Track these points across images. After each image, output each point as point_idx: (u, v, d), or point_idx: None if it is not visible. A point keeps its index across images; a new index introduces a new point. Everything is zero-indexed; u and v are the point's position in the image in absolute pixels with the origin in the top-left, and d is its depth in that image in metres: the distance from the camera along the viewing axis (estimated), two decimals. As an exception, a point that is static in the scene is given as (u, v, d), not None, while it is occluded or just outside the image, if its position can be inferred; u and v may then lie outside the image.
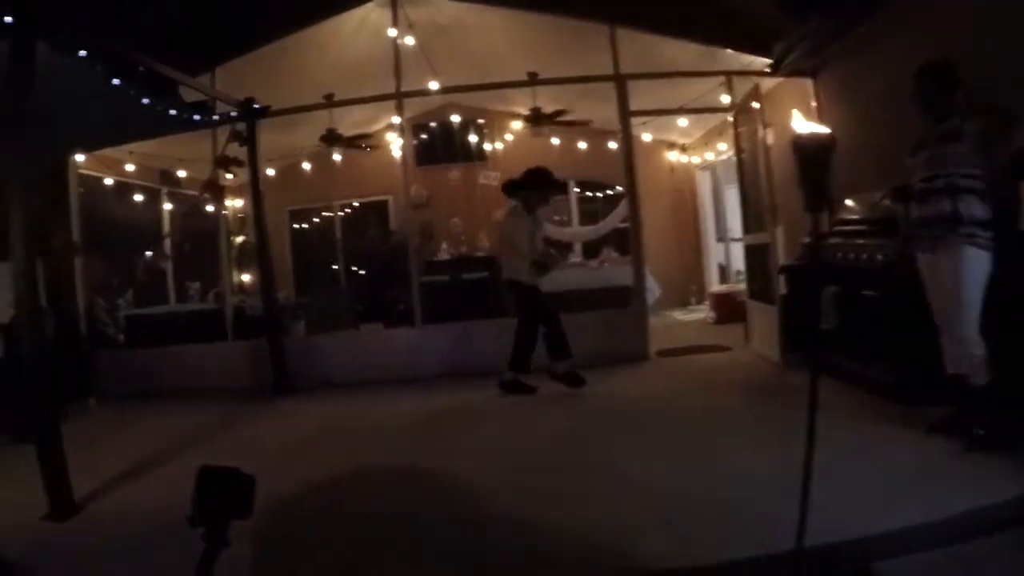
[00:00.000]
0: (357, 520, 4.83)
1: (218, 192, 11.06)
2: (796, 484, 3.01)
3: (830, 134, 2.99)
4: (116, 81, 7.23)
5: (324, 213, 16.51)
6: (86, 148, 10.85)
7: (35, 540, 4.86)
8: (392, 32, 9.92)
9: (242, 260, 13.76)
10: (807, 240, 7.99)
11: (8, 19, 5.36)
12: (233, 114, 9.61)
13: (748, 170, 9.55)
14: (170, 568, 3.12)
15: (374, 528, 4.62)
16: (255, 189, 9.86)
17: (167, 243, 13.84)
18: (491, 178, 14.75)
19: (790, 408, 6.25)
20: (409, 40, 10.06)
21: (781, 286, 8.26)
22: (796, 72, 9.13)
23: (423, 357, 9.48)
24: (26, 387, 5.50)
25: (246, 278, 14.07)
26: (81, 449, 5.59)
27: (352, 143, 13.48)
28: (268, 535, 4.62)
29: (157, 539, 4.27)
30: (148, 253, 13.53)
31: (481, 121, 14.74)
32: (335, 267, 16.11)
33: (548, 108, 12.71)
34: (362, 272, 15.44)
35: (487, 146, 14.88)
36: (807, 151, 3.02)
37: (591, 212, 15.86)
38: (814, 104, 9.06)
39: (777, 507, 3.80)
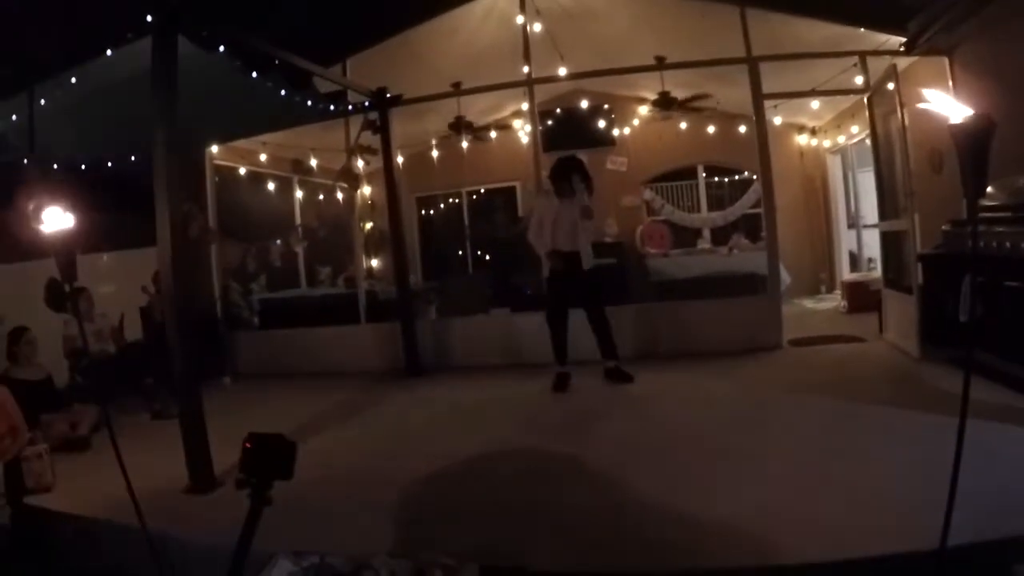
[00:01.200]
0: (489, 500, 4.90)
1: (353, 179, 11.29)
2: (936, 482, 2.95)
3: (989, 117, 2.88)
4: (255, 74, 7.44)
5: (451, 199, 16.68)
6: (223, 139, 11.25)
7: (178, 512, 5.09)
8: (520, 19, 9.97)
9: (370, 246, 14.03)
10: (946, 227, 7.75)
11: (150, 17, 5.59)
12: (366, 104, 9.81)
13: (884, 154, 9.25)
14: (305, 542, 3.22)
15: (505, 510, 4.68)
16: (389, 176, 10.05)
17: (299, 229, 14.19)
18: (619, 163, 14.68)
19: (929, 403, 6.13)
20: (537, 27, 10.07)
21: (919, 275, 8.00)
22: (931, 51, 8.78)
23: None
24: (171, 367, 5.73)
25: (375, 263, 14.34)
26: (218, 426, 5.77)
27: (480, 130, 13.57)
28: (400, 511, 4.74)
29: (292, 515, 4.40)
30: (277, 241, 13.89)
31: (607, 106, 14.59)
32: (462, 253, 16.27)
33: (675, 92, 12.56)
34: (489, 257, 15.56)
35: (614, 131, 14.73)
36: (967, 136, 2.92)
37: (718, 198, 15.63)
38: (950, 84, 8.74)
39: (917, 505, 3.73)
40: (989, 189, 7.19)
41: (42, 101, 7.17)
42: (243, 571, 2.17)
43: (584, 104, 13.78)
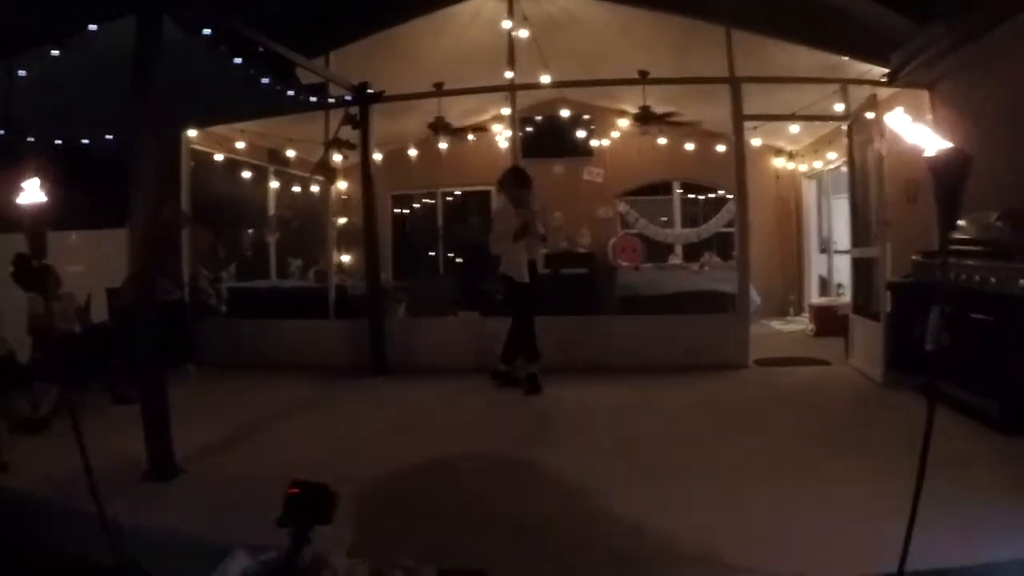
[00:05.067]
0: (448, 504, 4.89)
1: (330, 173, 11.23)
2: (895, 507, 2.96)
3: (965, 153, 2.93)
4: (238, 60, 7.40)
5: (426, 200, 16.67)
6: (201, 124, 11.17)
7: (136, 500, 5.02)
8: (507, 24, 9.97)
9: (342, 241, 13.98)
10: (916, 257, 7.82)
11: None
12: (347, 98, 9.78)
13: (859, 181, 9.33)
14: (260, 539, 3.19)
15: (465, 514, 4.67)
16: (365, 173, 10.05)
17: (273, 220, 14.12)
18: (595, 175, 14.73)
19: (890, 428, 6.19)
20: (523, 33, 10.07)
21: (888, 302, 8.07)
22: (913, 83, 8.87)
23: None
24: (136, 351, 5.67)
25: (345, 259, 14.28)
26: (180, 414, 5.73)
27: (459, 132, 13.55)
28: (358, 511, 4.71)
29: (247, 511, 4.37)
30: (250, 230, 13.82)
31: (587, 117, 14.63)
32: (434, 253, 16.25)
33: (656, 107, 12.59)
34: (460, 260, 15.52)
35: (593, 142, 14.77)
36: (943, 169, 2.96)
37: (693, 215, 15.70)
38: (929, 117, 8.82)
39: (876, 530, 3.75)
40: (961, 223, 7.27)
41: (21, 73, 7.08)
42: None
43: (565, 113, 13.79)
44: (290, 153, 13.76)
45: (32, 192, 4.21)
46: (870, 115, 8.56)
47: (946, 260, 3.39)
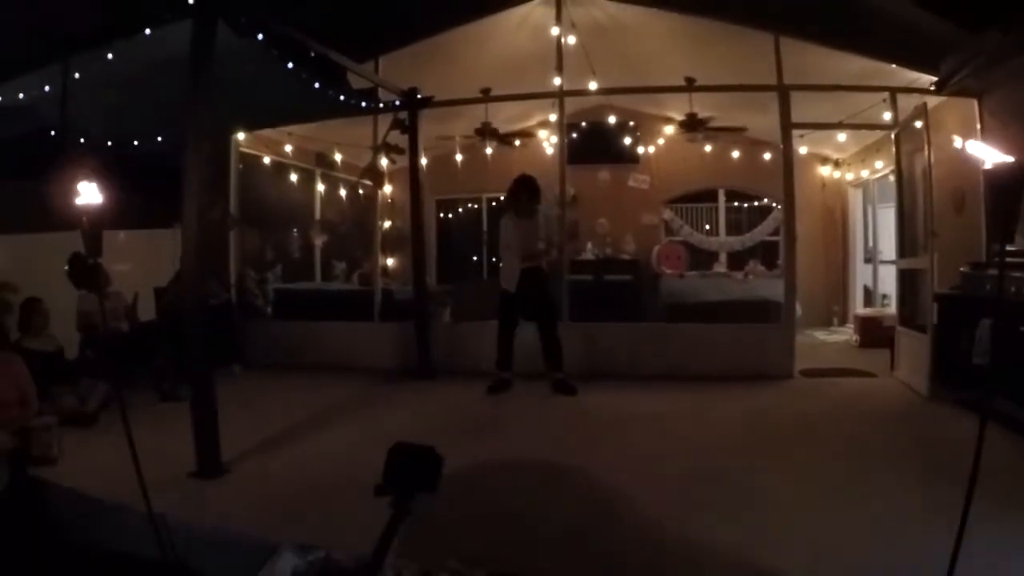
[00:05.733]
0: (494, 508, 4.90)
1: (378, 177, 11.31)
2: (942, 523, 2.94)
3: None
4: (290, 65, 7.47)
5: (471, 204, 16.73)
6: (250, 127, 11.30)
7: (184, 497, 5.10)
8: (555, 30, 9.98)
9: (387, 245, 14.05)
10: (964, 269, 7.72)
11: (191, 0, 5.62)
12: (396, 103, 9.83)
13: (907, 191, 9.23)
14: (311, 533, 3.22)
15: (511, 520, 4.67)
16: (413, 177, 10.09)
17: (319, 223, 14.22)
18: (641, 181, 14.70)
19: (937, 443, 6.12)
20: (571, 39, 10.08)
21: (934, 314, 7.97)
22: (962, 92, 8.75)
23: (564, 355, 9.48)
24: (185, 350, 5.74)
25: (390, 262, 14.35)
26: (227, 414, 5.83)
27: (505, 138, 13.57)
28: (412, 520, 4.73)
29: (295, 510, 4.42)
30: (296, 232, 13.94)
31: (633, 123, 14.61)
32: (477, 258, 16.31)
33: (702, 114, 12.54)
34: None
35: (639, 149, 14.76)
36: (1001, 181, 2.91)
37: (737, 222, 15.62)
38: (979, 126, 8.72)
39: (922, 546, 3.72)
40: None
41: (76, 75, 7.19)
42: None
43: (611, 120, 13.78)
44: (337, 157, 13.85)
45: (89, 193, 4.28)
46: (919, 124, 8.47)
47: (1002, 273, 3.33)
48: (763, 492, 5.15)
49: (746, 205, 15.52)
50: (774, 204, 14.13)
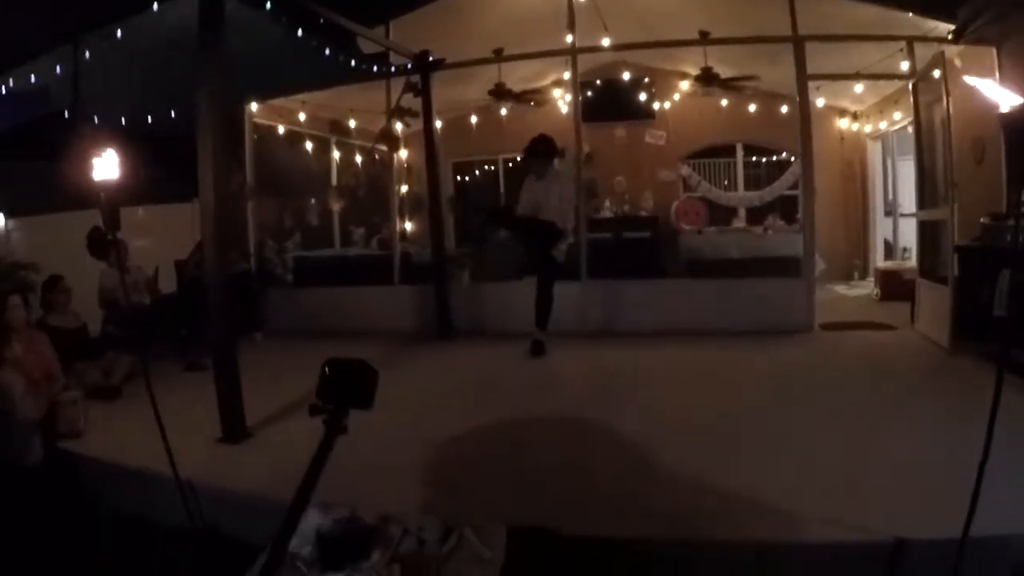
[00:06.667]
0: (516, 465, 4.96)
1: (392, 142, 11.32)
2: (961, 473, 2.95)
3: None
4: (300, 32, 7.47)
5: (488, 166, 16.72)
6: (263, 97, 11.32)
7: (212, 462, 5.21)
8: (567, -13, 9.90)
9: (404, 209, 14.06)
10: (985, 220, 7.67)
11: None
12: (408, 66, 9.83)
13: (926, 142, 9.13)
14: (332, 497, 3.27)
15: (534, 476, 4.73)
16: (428, 140, 10.11)
17: (336, 190, 14.25)
18: (657, 137, 14.62)
19: (958, 395, 6.12)
20: (583, -5, 10.02)
21: (955, 266, 7.93)
22: (980, 40, 8.62)
23: (584, 313, 9.47)
24: (208, 320, 5.81)
25: (408, 226, 14.37)
26: (250, 380, 5.95)
27: (520, 98, 13.52)
28: (425, 471, 4.80)
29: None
30: (313, 200, 13.98)
31: (648, 79, 14.47)
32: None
33: (717, 68, 12.44)
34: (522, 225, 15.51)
35: (654, 105, 14.64)
36: (1017, 126, 2.89)
37: (755, 177, 15.51)
38: (997, 75, 8.62)
39: (942, 495, 3.75)
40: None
41: (87, 54, 7.22)
42: (308, 500, 2.07)
43: (625, 76, 13.68)
44: (352, 123, 13.84)
45: (106, 169, 4.33)
46: (937, 73, 8.38)
47: (1018, 220, 3.30)
48: (785, 442, 5.20)
49: (764, 160, 15.37)
50: (792, 158, 14.01)
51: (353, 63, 8.72)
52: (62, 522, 5.12)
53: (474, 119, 14.83)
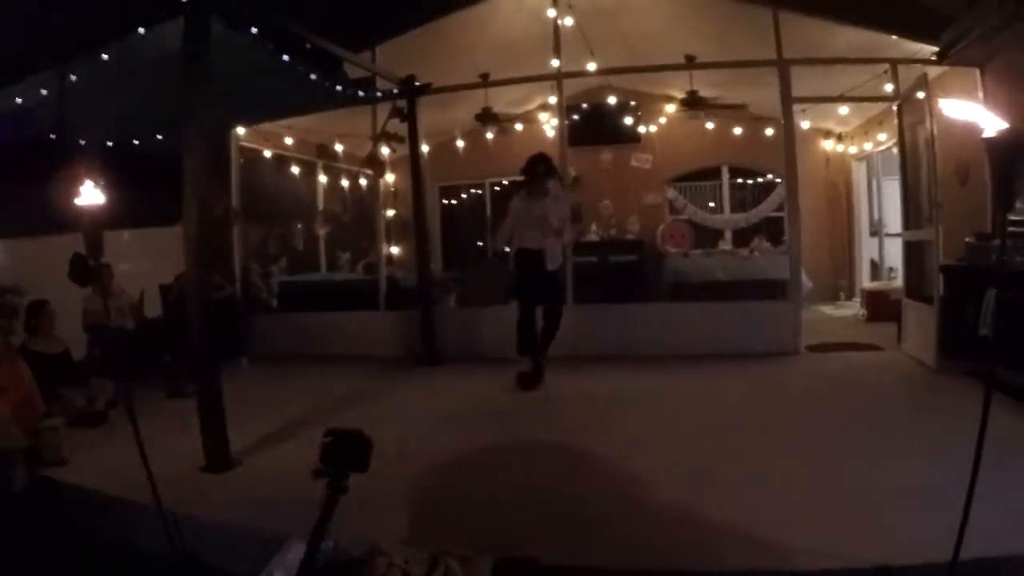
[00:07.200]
0: (501, 494, 4.92)
1: (378, 166, 11.32)
2: (950, 494, 2.94)
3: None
4: (286, 57, 7.47)
5: (475, 190, 16.75)
6: (249, 122, 11.32)
7: (195, 491, 5.14)
8: (551, 12, 9.95)
9: (391, 233, 14.05)
10: (970, 240, 7.70)
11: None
12: (394, 91, 9.84)
13: (910, 163, 9.17)
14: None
15: (518, 505, 4.69)
16: (414, 164, 10.12)
17: (323, 214, 14.24)
18: (643, 160, 14.66)
19: (945, 415, 6.11)
20: (568, 20, 10.06)
21: (940, 286, 7.95)
22: (963, 61, 8.69)
23: (570, 336, 9.39)
24: (190, 345, 5.76)
25: (395, 250, 14.37)
26: (234, 407, 5.86)
27: (506, 122, 13.55)
28: (411, 501, 4.75)
29: (306, 496, 4.42)
30: (299, 224, 13.96)
31: (634, 103, 14.51)
32: (482, 243, 16.28)
33: (703, 91, 12.50)
34: (508, 249, 15.51)
35: (640, 128, 14.70)
36: (1001, 149, 2.90)
37: (742, 199, 15.56)
38: (981, 95, 8.67)
39: (931, 517, 3.73)
40: (1017, 204, 7.14)
41: (72, 77, 7.20)
42: (317, 553, 2.41)
43: (611, 100, 13.70)
44: (338, 147, 13.85)
45: (89, 194, 4.31)
46: (920, 95, 8.43)
47: (1004, 242, 3.30)
48: (770, 466, 5.18)
49: (750, 182, 15.46)
50: (778, 180, 14.07)
51: (339, 88, 8.71)
52: (45, 550, 5.06)
53: (460, 143, 14.87)
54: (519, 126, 14.03)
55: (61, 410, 6.69)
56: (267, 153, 12.59)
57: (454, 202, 16.95)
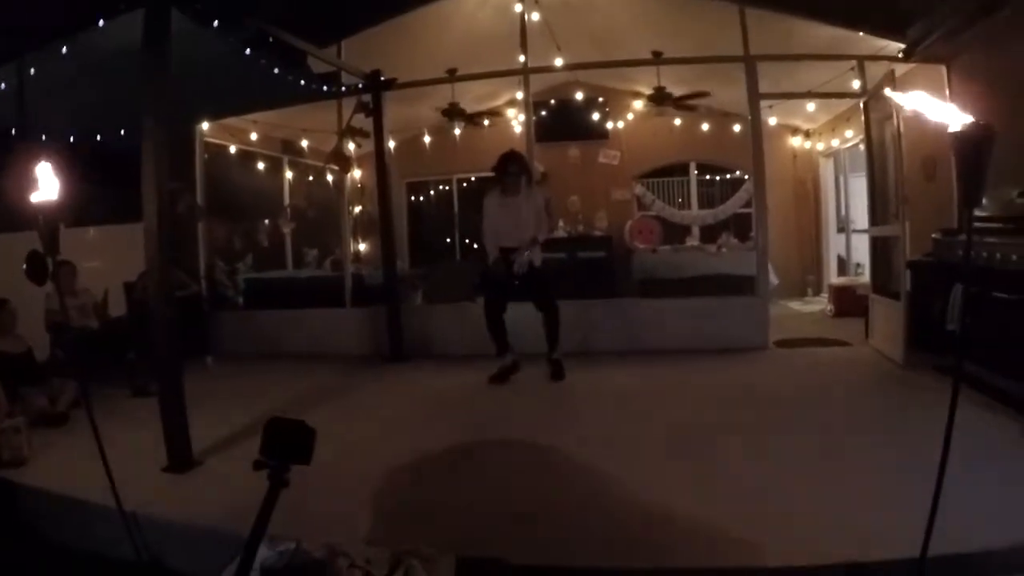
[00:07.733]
0: (466, 492, 4.87)
1: (344, 162, 11.23)
2: (918, 489, 2.92)
3: (990, 126, 2.84)
4: (248, 52, 7.38)
5: (442, 186, 16.70)
6: (213, 116, 11.21)
7: (156, 491, 5.05)
8: (518, 7, 9.92)
9: (358, 230, 13.98)
10: (936, 235, 7.74)
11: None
12: (359, 86, 9.76)
13: (877, 159, 9.21)
14: (279, 529, 3.18)
15: (483, 503, 4.65)
16: (380, 160, 10.05)
17: (288, 210, 14.14)
18: (611, 156, 14.68)
19: (912, 410, 6.14)
20: (535, 16, 10.02)
21: (907, 281, 7.99)
22: (930, 58, 8.72)
23: (538, 333, 9.33)
24: (153, 344, 5.68)
25: (362, 247, 14.29)
26: (198, 406, 5.82)
27: (473, 118, 13.50)
28: (375, 501, 4.70)
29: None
30: (265, 221, 13.85)
31: (602, 99, 14.54)
32: (450, 240, 16.24)
33: (671, 87, 12.50)
34: (477, 246, 15.50)
35: (608, 124, 14.72)
36: (967, 144, 2.88)
37: (709, 196, 15.62)
38: (947, 92, 8.71)
39: (899, 513, 3.72)
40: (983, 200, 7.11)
41: (32, 71, 7.07)
42: (257, 548, 2.35)
43: (579, 96, 13.73)
44: (304, 143, 13.77)
45: (44, 190, 4.22)
46: (887, 91, 8.46)
47: (970, 238, 3.32)
48: (738, 463, 5.16)
49: (718, 178, 15.54)
50: (745, 176, 14.13)
51: (303, 83, 8.62)
52: (2, 554, 4.97)
53: (427, 139, 14.78)
54: (486, 122, 13.97)
55: (23, 410, 6.59)
56: (232, 148, 12.46)
57: (421, 198, 16.87)
